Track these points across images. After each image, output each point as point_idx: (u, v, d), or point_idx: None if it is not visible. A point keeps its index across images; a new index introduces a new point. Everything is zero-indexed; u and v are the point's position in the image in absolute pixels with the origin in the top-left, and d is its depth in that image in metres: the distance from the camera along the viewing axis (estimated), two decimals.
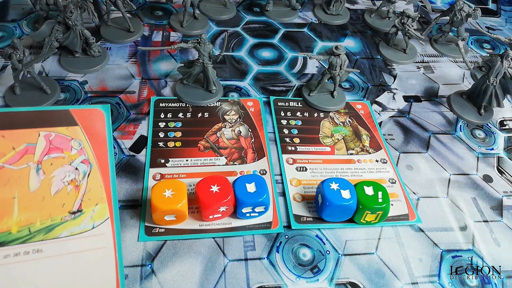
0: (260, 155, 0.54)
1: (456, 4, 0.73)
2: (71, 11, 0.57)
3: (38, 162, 0.37)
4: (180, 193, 0.42)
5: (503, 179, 0.57)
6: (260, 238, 0.46)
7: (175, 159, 0.51)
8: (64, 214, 0.37)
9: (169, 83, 0.62)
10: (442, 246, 0.48)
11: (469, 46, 0.82)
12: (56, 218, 0.36)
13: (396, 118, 0.63)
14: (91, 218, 0.38)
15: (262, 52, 0.71)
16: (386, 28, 0.80)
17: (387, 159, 0.56)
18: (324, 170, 0.53)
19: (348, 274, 0.44)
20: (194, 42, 0.56)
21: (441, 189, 0.54)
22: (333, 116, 0.61)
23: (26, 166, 0.37)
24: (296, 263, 0.44)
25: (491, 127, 0.65)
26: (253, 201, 0.43)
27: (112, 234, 0.38)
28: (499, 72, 0.60)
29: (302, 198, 0.50)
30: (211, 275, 0.42)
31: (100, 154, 0.39)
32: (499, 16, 0.94)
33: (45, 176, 0.37)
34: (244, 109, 0.60)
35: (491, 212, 0.52)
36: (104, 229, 0.38)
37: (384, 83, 0.69)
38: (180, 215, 0.43)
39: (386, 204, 0.45)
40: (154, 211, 0.41)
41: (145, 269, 0.41)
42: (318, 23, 0.81)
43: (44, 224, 0.36)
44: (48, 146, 0.38)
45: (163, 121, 0.56)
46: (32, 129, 0.37)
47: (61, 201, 0.37)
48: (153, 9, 0.77)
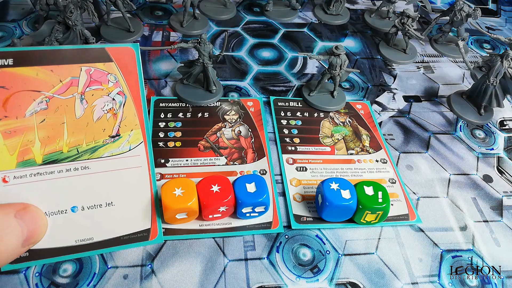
0: (260, 155, 0.54)
1: (456, 4, 0.73)
2: (71, 11, 0.57)
3: (81, 93, 0.43)
4: (190, 190, 0.42)
5: (503, 179, 0.57)
6: (260, 238, 0.46)
7: (175, 159, 0.51)
8: (105, 138, 0.43)
9: (169, 83, 0.62)
10: (442, 246, 0.48)
11: (469, 46, 0.82)
12: (99, 141, 0.43)
13: (396, 118, 0.63)
14: (127, 141, 0.44)
15: (262, 52, 0.71)
16: (386, 28, 0.80)
17: (387, 159, 0.56)
18: (324, 170, 0.53)
19: (348, 274, 0.44)
20: (194, 42, 0.56)
21: (441, 189, 0.54)
22: (333, 116, 0.61)
23: (72, 96, 0.42)
24: (296, 263, 0.44)
25: (491, 127, 0.65)
26: (253, 201, 0.43)
27: (146, 155, 0.44)
28: (499, 72, 0.60)
29: (302, 198, 0.50)
30: (211, 275, 0.42)
31: (133, 87, 0.45)
32: (499, 16, 0.94)
33: (88, 105, 0.43)
34: (244, 109, 0.60)
35: (491, 212, 0.52)
36: (139, 151, 0.44)
37: (384, 83, 0.69)
38: (191, 212, 0.43)
39: (386, 204, 0.45)
40: (166, 210, 0.42)
41: (145, 269, 0.41)
42: (318, 23, 0.81)
43: (89, 146, 0.42)
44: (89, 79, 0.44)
45: (163, 121, 0.56)
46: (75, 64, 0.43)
47: (102, 126, 0.43)
48: (153, 9, 0.77)
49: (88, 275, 0.40)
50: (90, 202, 0.41)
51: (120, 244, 0.41)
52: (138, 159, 0.44)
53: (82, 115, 0.43)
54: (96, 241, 0.41)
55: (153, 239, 0.43)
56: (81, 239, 0.40)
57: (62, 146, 0.41)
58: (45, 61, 0.42)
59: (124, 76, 0.45)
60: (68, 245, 0.40)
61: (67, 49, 0.43)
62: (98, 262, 0.41)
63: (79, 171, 0.41)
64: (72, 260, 0.41)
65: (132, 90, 0.45)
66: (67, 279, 0.40)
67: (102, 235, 0.41)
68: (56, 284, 0.39)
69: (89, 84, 0.44)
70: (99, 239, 0.41)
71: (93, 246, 0.40)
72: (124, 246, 0.42)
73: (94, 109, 0.43)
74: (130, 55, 0.45)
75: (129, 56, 0.45)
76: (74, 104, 0.43)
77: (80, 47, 0.44)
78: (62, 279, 0.40)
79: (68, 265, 0.41)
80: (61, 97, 0.42)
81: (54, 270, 0.40)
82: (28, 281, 0.39)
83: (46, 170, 0.40)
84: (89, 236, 0.40)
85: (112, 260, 0.42)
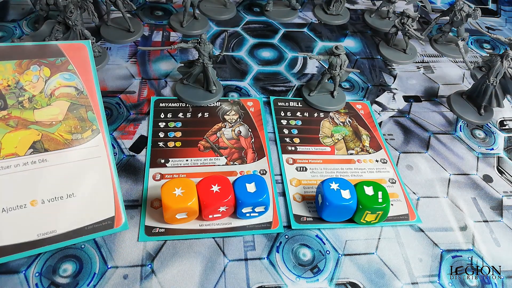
0: (260, 155, 0.54)
1: (456, 4, 0.73)
2: (71, 11, 0.57)
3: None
4: (190, 190, 0.42)
5: (503, 179, 0.57)
6: (260, 238, 0.46)
7: (175, 159, 0.51)
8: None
9: (169, 83, 0.62)
10: (442, 246, 0.48)
11: (469, 46, 0.82)
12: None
13: (396, 118, 0.63)
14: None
15: (262, 52, 0.71)
16: (386, 28, 0.80)
17: (387, 159, 0.56)
18: (324, 170, 0.53)
19: (348, 274, 0.44)
20: (194, 42, 0.56)
21: (441, 189, 0.54)
22: (333, 116, 0.61)
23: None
24: (296, 263, 0.44)
25: (491, 127, 0.65)
26: (253, 201, 0.43)
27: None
28: (499, 72, 0.60)
29: (302, 198, 0.50)
30: (211, 275, 0.42)
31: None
32: (499, 16, 0.94)
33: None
34: (244, 109, 0.60)
35: (491, 212, 0.52)
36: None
37: (384, 83, 0.69)
38: (191, 212, 0.43)
39: (386, 204, 0.45)
40: (166, 210, 0.42)
41: (145, 269, 0.41)
42: (318, 23, 0.81)
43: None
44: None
45: (163, 121, 0.56)
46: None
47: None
48: (153, 9, 0.77)
49: (88, 275, 0.40)
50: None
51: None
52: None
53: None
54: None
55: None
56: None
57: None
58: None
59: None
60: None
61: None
62: (98, 262, 0.41)
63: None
64: (72, 260, 0.41)
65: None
66: (67, 279, 0.40)
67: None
68: (56, 284, 0.39)
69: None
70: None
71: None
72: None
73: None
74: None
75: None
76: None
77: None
78: (62, 279, 0.40)
79: (68, 265, 0.41)
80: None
81: (54, 270, 0.40)
82: (28, 281, 0.39)
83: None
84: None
85: (112, 260, 0.42)
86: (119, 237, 0.43)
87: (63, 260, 0.41)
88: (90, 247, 0.42)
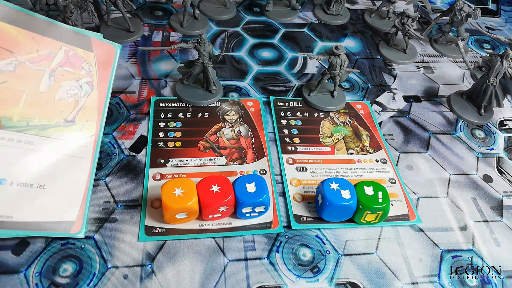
0: (260, 155, 0.54)
1: (456, 4, 0.73)
2: (71, 11, 0.57)
3: (52, 70, 0.42)
4: (190, 190, 0.42)
5: (503, 179, 0.57)
6: (260, 238, 0.46)
7: (175, 159, 0.51)
8: (60, 120, 0.42)
9: (169, 83, 0.62)
10: (442, 246, 0.48)
11: (469, 46, 0.82)
12: (52, 121, 0.42)
13: (396, 118, 0.63)
14: (80, 130, 0.44)
15: (262, 52, 0.71)
16: (386, 28, 0.80)
17: (387, 159, 0.56)
18: (324, 170, 0.53)
19: (348, 274, 0.44)
20: (194, 42, 0.56)
21: (441, 189, 0.54)
22: (333, 116, 0.61)
23: (42, 69, 0.42)
24: (296, 263, 0.44)
25: (491, 127, 0.65)
26: (253, 201, 0.43)
27: (93, 149, 0.44)
28: (499, 72, 0.60)
29: (302, 198, 0.50)
30: (211, 275, 0.42)
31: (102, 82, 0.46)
32: (499, 16, 0.94)
33: (55, 83, 0.43)
34: (244, 109, 0.60)
35: (491, 212, 0.52)
36: (88, 143, 0.44)
37: (384, 83, 0.69)
38: (191, 212, 0.43)
39: (386, 204, 0.45)
40: (166, 210, 0.42)
41: (145, 269, 0.41)
42: (318, 23, 0.81)
43: (41, 122, 0.41)
44: (65, 59, 0.44)
45: (163, 121, 0.56)
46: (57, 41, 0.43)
47: (61, 108, 0.43)
48: (153, 9, 0.77)
49: (88, 275, 0.40)
50: (22, 179, 0.39)
51: (39, 229, 0.40)
52: (84, 151, 0.44)
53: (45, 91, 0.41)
54: (14, 221, 0.38)
55: (74, 233, 0.41)
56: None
57: (14, 114, 0.40)
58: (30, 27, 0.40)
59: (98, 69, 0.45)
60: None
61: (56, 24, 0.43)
62: (98, 262, 0.41)
63: (21, 144, 0.39)
64: (72, 260, 0.41)
65: (101, 85, 0.45)
66: (67, 279, 0.40)
67: (22, 217, 0.39)
68: (56, 284, 0.39)
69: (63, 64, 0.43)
70: (18, 219, 0.39)
71: (10, 225, 0.38)
72: (42, 232, 0.40)
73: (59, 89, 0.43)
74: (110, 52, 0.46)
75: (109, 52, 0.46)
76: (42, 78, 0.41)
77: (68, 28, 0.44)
78: (62, 279, 0.40)
79: (68, 265, 0.41)
80: (32, 66, 0.41)
81: (54, 270, 0.40)
82: (28, 281, 0.39)
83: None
84: (9, 214, 0.38)
85: (112, 260, 0.42)
86: (119, 237, 0.43)
87: (63, 260, 0.41)
88: (90, 247, 0.42)
